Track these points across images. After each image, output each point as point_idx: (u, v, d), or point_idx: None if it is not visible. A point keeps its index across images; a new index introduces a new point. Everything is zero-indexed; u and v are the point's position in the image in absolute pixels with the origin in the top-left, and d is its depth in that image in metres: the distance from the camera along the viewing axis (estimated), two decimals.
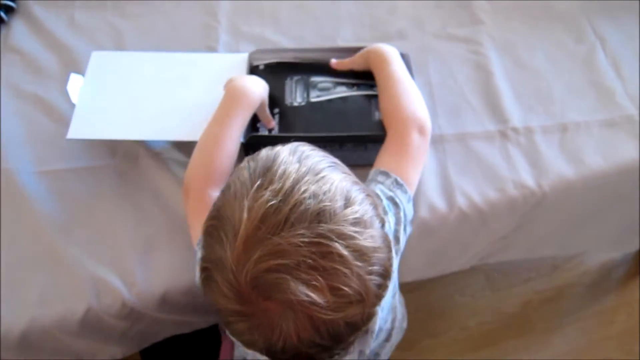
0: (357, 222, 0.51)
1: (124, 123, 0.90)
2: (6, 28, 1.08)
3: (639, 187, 1.00)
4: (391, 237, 0.73)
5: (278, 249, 0.48)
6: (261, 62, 0.95)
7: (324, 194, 0.51)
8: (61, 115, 0.97)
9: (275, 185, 0.50)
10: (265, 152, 0.56)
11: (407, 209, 0.76)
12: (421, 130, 0.81)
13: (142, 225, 0.87)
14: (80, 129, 0.89)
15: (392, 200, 0.74)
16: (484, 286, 1.49)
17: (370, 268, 0.51)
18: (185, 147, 0.94)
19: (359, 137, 0.86)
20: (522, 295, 1.48)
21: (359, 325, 0.53)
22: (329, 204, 0.50)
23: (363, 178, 0.79)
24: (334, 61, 0.93)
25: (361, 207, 0.52)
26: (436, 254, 0.99)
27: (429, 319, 1.41)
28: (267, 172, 0.52)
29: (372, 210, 0.54)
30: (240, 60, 0.96)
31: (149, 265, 0.84)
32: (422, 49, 1.06)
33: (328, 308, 0.49)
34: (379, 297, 0.53)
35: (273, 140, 0.85)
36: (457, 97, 1.01)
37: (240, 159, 0.92)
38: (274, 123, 0.88)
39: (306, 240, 0.48)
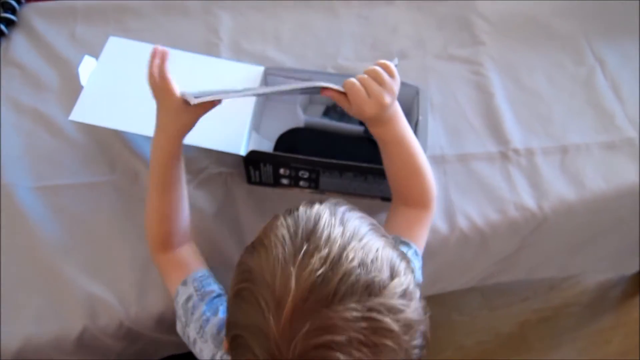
0: (403, 295, 0.50)
1: (128, 115, 0.89)
2: (6, 41, 1.07)
3: (639, 210, 1.00)
4: None
5: (329, 324, 0.46)
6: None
7: (372, 262, 0.49)
8: (60, 130, 0.96)
9: (323, 252, 0.49)
10: (303, 212, 0.54)
11: (418, 274, 0.75)
12: (435, 200, 0.81)
13: (140, 242, 0.86)
14: (84, 113, 0.87)
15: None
16: (481, 305, 1.48)
17: (414, 342, 0.50)
18: (187, 164, 0.94)
19: (361, 168, 0.85)
20: (519, 314, 1.47)
21: None
22: (377, 274, 0.49)
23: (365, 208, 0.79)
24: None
25: (406, 278, 0.51)
26: (436, 275, 0.98)
27: None
28: (311, 235, 0.50)
29: (413, 279, 0.52)
30: (255, 73, 0.95)
31: (146, 285, 0.83)
32: (423, 69, 1.06)
33: None
34: None
35: (273, 158, 0.87)
36: (458, 118, 1.01)
37: (240, 170, 0.91)
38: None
39: (358, 315, 0.46)
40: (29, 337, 0.79)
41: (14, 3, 1.09)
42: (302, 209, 0.55)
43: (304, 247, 0.49)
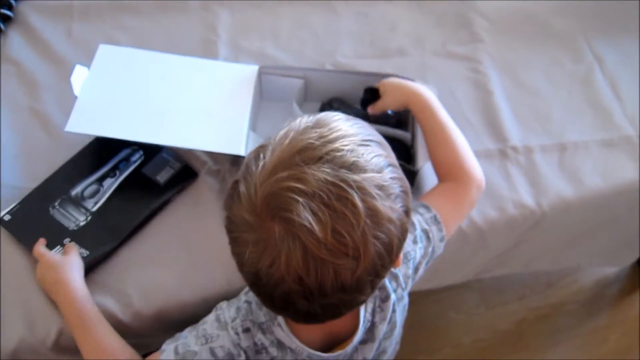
0: (381, 188, 0.53)
1: (124, 122, 0.88)
2: (3, 38, 1.06)
3: (639, 207, 1.00)
4: (412, 265, 0.74)
5: (301, 176, 0.51)
6: None
7: (362, 155, 0.53)
8: (56, 130, 0.95)
9: (323, 131, 0.54)
10: (324, 113, 0.58)
11: (437, 246, 0.77)
12: (479, 189, 0.83)
13: (137, 243, 0.86)
14: (80, 123, 0.86)
15: (426, 233, 0.76)
16: (479, 303, 1.48)
17: (377, 232, 0.52)
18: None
19: None
20: (516, 312, 1.47)
21: (347, 284, 0.53)
22: (363, 161, 0.53)
23: None
24: (370, 110, 0.92)
25: (390, 182, 0.54)
26: (433, 270, 0.97)
27: (423, 336, 1.40)
28: (320, 121, 0.56)
29: (399, 191, 0.55)
30: (250, 72, 0.94)
31: (144, 285, 0.82)
32: (422, 66, 1.06)
33: (323, 246, 0.50)
34: (375, 268, 0.53)
35: None
36: (457, 115, 0.99)
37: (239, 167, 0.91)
38: None
39: (329, 178, 0.51)
40: (24, 338, 0.78)
41: None
42: (323, 112, 0.59)
43: (309, 124, 0.55)
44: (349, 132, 0.55)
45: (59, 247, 0.83)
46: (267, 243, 0.52)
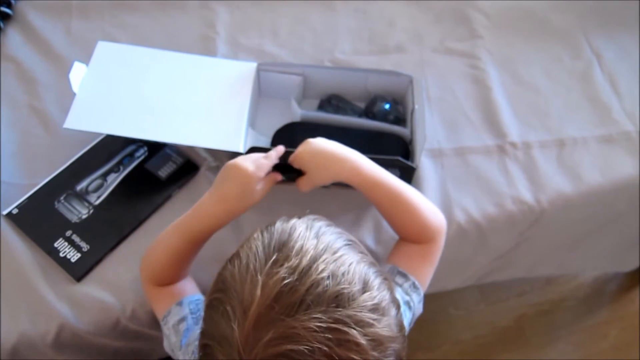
0: (375, 309, 0.49)
1: (122, 119, 0.88)
2: (2, 35, 1.06)
3: (639, 203, 1.00)
4: None
5: (291, 333, 0.45)
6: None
7: (342, 275, 0.49)
8: (55, 127, 0.95)
9: (292, 262, 0.48)
10: (280, 225, 0.54)
11: (417, 308, 0.74)
12: (443, 234, 0.79)
13: (137, 239, 0.86)
14: (78, 120, 0.86)
15: (408, 304, 0.72)
16: (478, 300, 1.48)
17: (385, 359, 0.49)
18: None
19: None
20: (516, 308, 1.48)
21: None
22: (347, 286, 0.48)
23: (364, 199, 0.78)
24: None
25: (379, 293, 0.50)
26: (436, 273, 0.97)
27: (422, 333, 1.40)
28: (283, 247, 0.50)
29: (388, 296, 0.52)
30: (249, 69, 0.94)
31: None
32: (421, 63, 1.06)
33: None
34: None
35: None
36: (456, 112, 1.01)
37: None
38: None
39: (323, 325, 0.46)
40: (24, 334, 0.78)
41: None
42: (278, 223, 0.55)
43: (274, 257, 0.49)
44: (318, 250, 0.50)
45: (61, 239, 0.85)
46: None
